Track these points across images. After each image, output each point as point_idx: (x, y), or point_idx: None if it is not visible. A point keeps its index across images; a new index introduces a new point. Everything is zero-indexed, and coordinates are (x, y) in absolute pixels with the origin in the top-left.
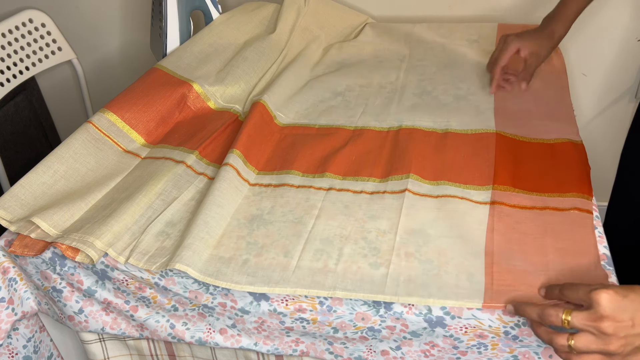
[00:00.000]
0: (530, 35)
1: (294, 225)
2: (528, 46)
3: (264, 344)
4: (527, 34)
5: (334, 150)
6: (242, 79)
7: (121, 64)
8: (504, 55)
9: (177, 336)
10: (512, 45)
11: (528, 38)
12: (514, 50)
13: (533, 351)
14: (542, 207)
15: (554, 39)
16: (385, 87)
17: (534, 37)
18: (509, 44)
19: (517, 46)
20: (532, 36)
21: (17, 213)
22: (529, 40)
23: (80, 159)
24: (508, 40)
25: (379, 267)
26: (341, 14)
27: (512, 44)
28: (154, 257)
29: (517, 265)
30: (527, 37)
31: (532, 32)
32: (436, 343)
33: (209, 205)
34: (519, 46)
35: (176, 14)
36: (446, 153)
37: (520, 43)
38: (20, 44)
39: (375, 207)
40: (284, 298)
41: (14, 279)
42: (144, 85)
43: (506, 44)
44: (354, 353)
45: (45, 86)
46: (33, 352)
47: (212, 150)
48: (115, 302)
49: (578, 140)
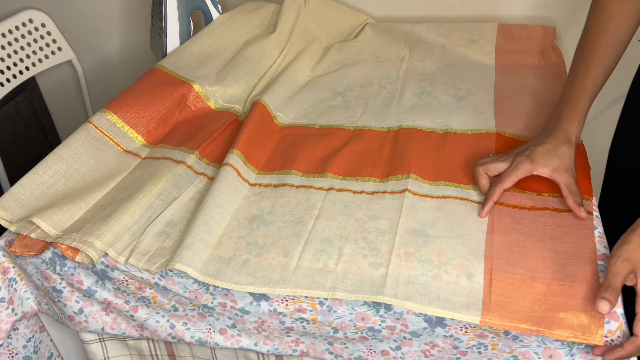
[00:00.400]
0: (543, 150)
1: (294, 225)
2: (544, 164)
3: (264, 344)
4: (538, 152)
5: (334, 150)
6: (242, 79)
7: (121, 64)
8: (511, 178)
9: (177, 336)
10: (523, 169)
11: (541, 155)
12: (524, 175)
13: (533, 351)
14: (542, 208)
15: (572, 143)
16: (385, 87)
17: (547, 150)
18: (519, 167)
19: (529, 170)
20: (545, 151)
21: (17, 213)
22: (542, 157)
23: (80, 159)
24: (518, 161)
25: (379, 267)
26: (341, 14)
27: (522, 167)
28: (154, 257)
29: (516, 270)
30: (539, 155)
31: (543, 145)
32: (436, 343)
33: (209, 205)
34: (532, 169)
35: (176, 14)
36: (446, 153)
37: (533, 166)
38: (20, 44)
39: (375, 207)
40: (284, 298)
41: (14, 279)
42: (144, 85)
43: (516, 165)
44: (354, 353)
45: (45, 86)
46: (33, 352)
47: (212, 151)
48: (115, 302)
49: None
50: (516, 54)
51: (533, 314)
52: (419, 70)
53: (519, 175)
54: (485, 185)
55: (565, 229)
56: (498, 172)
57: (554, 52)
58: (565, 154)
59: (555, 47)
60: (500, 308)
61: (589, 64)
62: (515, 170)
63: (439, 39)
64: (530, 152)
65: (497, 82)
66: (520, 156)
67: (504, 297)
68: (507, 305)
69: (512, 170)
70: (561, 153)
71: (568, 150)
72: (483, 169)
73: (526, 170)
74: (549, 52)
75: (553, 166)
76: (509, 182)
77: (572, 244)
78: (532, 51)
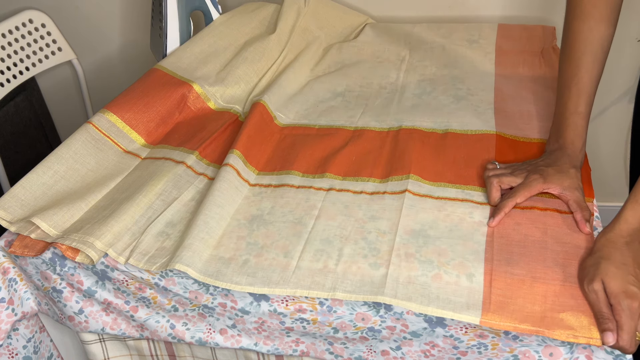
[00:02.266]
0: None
1: (294, 225)
2: (557, 183)
3: (264, 344)
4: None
5: (334, 150)
6: (242, 79)
7: (121, 64)
8: (524, 193)
9: (177, 336)
10: (536, 187)
11: (553, 175)
12: (536, 192)
13: (533, 350)
14: (542, 208)
15: (578, 157)
16: (385, 87)
17: (558, 171)
18: (533, 184)
19: (542, 187)
20: (556, 171)
21: (17, 213)
22: (555, 177)
23: (81, 160)
24: (532, 178)
25: (379, 267)
26: (341, 14)
27: (536, 185)
28: (154, 258)
29: (516, 270)
30: (551, 174)
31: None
32: (436, 343)
33: (209, 206)
34: (545, 187)
35: (176, 14)
36: (446, 154)
37: (546, 184)
38: (20, 45)
39: (375, 207)
40: (284, 298)
41: (14, 280)
42: (144, 85)
43: (529, 182)
44: (354, 353)
45: (46, 86)
46: (33, 353)
47: (212, 151)
48: (116, 303)
49: None
50: (516, 54)
51: (533, 315)
52: (419, 70)
53: (532, 192)
54: (496, 197)
55: (565, 230)
56: (510, 186)
57: (554, 52)
58: (575, 176)
59: (555, 47)
60: (500, 308)
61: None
62: (528, 187)
63: (439, 39)
64: (543, 172)
65: (497, 82)
66: (533, 174)
67: (504, 298)
68: (507, 306)
69: (526, 187)
70: (572, 174)
71: (577, 173)
72: (498, 181)
73: (539, 188)
74: (549, 52)
75: (565, 185)
76: (522, 197)
77: (572, 244)
78: (532, 51)
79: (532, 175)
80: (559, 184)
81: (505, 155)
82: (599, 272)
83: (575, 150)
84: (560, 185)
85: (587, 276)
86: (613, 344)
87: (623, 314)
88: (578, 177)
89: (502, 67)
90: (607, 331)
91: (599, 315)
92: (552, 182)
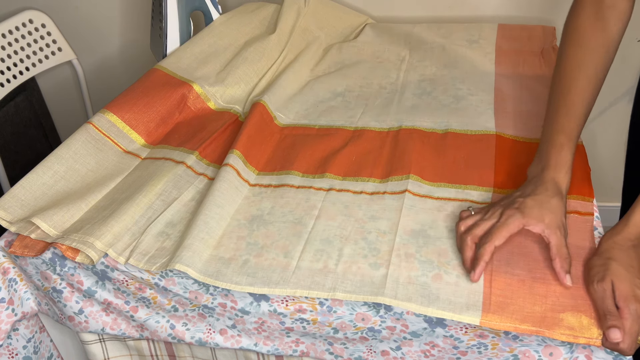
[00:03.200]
0: (533, 202)
1: (294, 225)
2: (537, 218)
3: (264, 345)
4: (529, 204)
5: (334, 150)
6: (242, 79)
7: (121, 64)
8: (502, 233)
9: (177, 337)
10: (514, 223)
11: (532, 208)
12: (516, 229)
13: (533, 350)
14: None
15: (563, 195)
16: (385, 87)
17: (538, 203)
18: (510, 221)
19: (521, 224)
20: (536, 203)
21: (17, 214)
22: (534, 210)
23: (81, 160)
24: (508, 214)
25: (379, 267)
26: (341, 14)
27: (514, 221)
28: (154, 258)
29: (516, 270)
30: (530, 207)
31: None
32: (436, 343)
33: (209, 206)
34: (524, 223)
35: (176, 15)
36: (446, 154)
37: (525, 220)
38: (20, 45)
39: (375, 207)
40: (284, 298)
41: (14, 280)
42: (144, 85)
43: (506, 219)
44: (354, 353)
45: (46, 87)
46: (33, 353)
47: (212, 151)
48: (116, 303)
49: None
50: (516, 54)
51: (533, 315)
52: (419, 70)
53: (511, 230)
54: (469, 257)
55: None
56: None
57: (554, 52)
58: (558, 208)
59: (555, 47)
60: (500, 309)
61: (569, 103)
62: (506, 225)
63: (439, 39)
64: (520, 205)
65: (497, 82)
66: (509, 209)
67: (504, 298)
68: (507, 306)
69: (503, 225)
70: (553, 206)
71: (560, 203)
72: (471, 237)
73: (518, 225)
74: (549, 53)
75: (546, 222)
76: (501, 239)
77: (572, 244)
78: (532, 51)
79: (507, 212)
80: (540, 220)
81: (505, 155)
82: (609, 272)
83: (560, 173)
84: (542, 223)
85: (597, 275)
86: (619, 341)
87: (629, 317)
88: (562, 209)
89: (502, 67)
90: (615, 328)
91: (606, 312)
92: (532, 217)
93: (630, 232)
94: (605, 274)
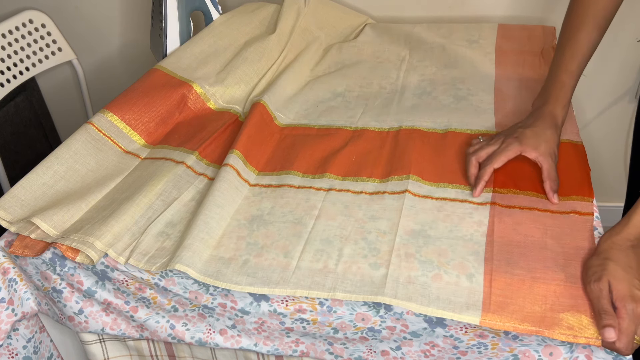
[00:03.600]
0: (531, 132)
1: (294, 225)
2: (533, 147)
3: (264, 345)
4: (527, 134)
5: (334, 150)
6: (242, 79)
7: (121, 64)
8: (501, 157)
9: (177, 337)
10: (512, 150)
11: (529, 137)
12: (513, 155)
13: (533, 349)
14: (542, 209)
15: (558, 126)
16: (385, 87)
17: (535, 133)
18: (509, 148)
19: (518, 150)
20: (533, 133)
21: (17, 214)
22: (531, 140)
23: (80, 160)
24: (507, 142)
25: (379, 267)
26: (341, 14)
27: (512, 148)
28: (154, 258)
29: (516, 270)
30: (527, 136)
31: (531, 128)
32: (436, 343)
33: (209, 206)
34: (521, 150)
35: (176, 15)
36: (446, 154)
37: (522, 147)
38: (20, 45)
39: (375, 207)
40: (284, 299)
41: (14, 280)
42: (144, 85)
43: (505, 146)
44: (354, 353)
45: (46, 87)
46: (33, 353)
47: (212, 151)
48: (115, 303)
49: (578, 141)
50: (516, 54)
51: (533, 315)
52: (419, 70)
53: (509, 155)
54: (473, 174)
55: (565, 230)
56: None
57: (554, 52)
58: (551, 138)
59: (555, 47)
60: (500, 309)
61: (575, 44)
62: (505, 151)
63: (439, 39)
64: (519, 135)
65: (497, 82)
66: (509, 138)
67: (504, 298)
68: (507, 306)
69: (502, 151)
70: (548, 137)
71: (554, 134)
72: (475, 157)
73: (515, 151)
74: (549, 52)
75: (540, 150)
76: (499, 162)
77: (572, 245)
78: (532, 51)
79: (508, 140)
80: (535, 148)
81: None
82: (606, 272)
83: (558, 107)
84: (536, 150)
85: (594, 275)
86: (614, 340)
87: (626, 317)
88: (555, 139)
89: (502, 67)
90: (609, 327)
91: (601, 312)
92: (528, 145)
93: (629, 232)
94: (602, 274)
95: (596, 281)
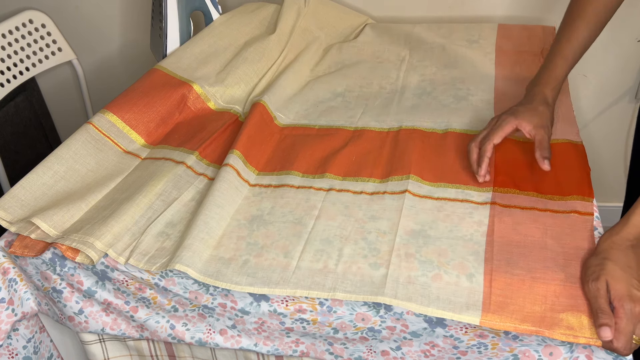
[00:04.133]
0: (524, 108)
1: (294, 225)
2: (528, 120)
3: (264, 345)
4: (520, 110)
5: (334, 150)
6: (242, 79)
7: (121, 65)
8: (499, 133)
9: (177, 337)
10: (508, 124)
11: (523, 112)
12: (510, 129)
13: (533, 349)
14: (542, 209)
15: (549, 104)
16: (385, 87)
17: (528, 109)
18: (504, 123)
19: (514, 124)
20: (526, 109)
21: (17, 214)
22: (525, 114)
23: (81, 160)
24: (502, 118)
25: (379, 267)
26: (341, 14)
27: (508, 123)
28: (154, 258)
29: (516, 270)
30: (522, 112)
31: (524, 105)
32: (436, 343)
33: (209, 206)
34: (517, 124)
35: (176, 15)
36: (446, 154)
37: (517, 120)
38: (20, 45)
39: (375, 207)
40: (284, 299)
41: (14, 280)
42: (144, 86)
43: (501, 122)
44: (354, 353)
45: (46, 87)
46: (33, 353)
47: (212, 151)
48: (115, 303)
49: (578, 141)
50: (516, 54)
51: (533, 315)
52: (419, 70)
53: (506, 130)
54: (475, 159)
55: (566, 230)
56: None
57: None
58: (544, 114)
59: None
60: (500, 309)
61: (572, 30)
62: (501, 126)
63: (439, 39)
64: (514, 111)
65: (497, 82)
66: (504, 114)
67: (504, 298)
68: (507, 306)
69: (499, 126)
70: (540, 112)
71: (546, 110)
72: (474, 143)
73: (511, 125)
74: None
75: (534, 123)
76: (498, 137)
77: (572, 244)
78: (532, 51)
79: (503, 116)
80: (529, 121)
81: (505, 155)
82: (604, 272)
83: (547, 88)
84: (531, 124)
85: (592, 274)
86: (610, 339)
87: (624, 317)
88: (547, 114)
89: (502, 67)
90: (605, 326)
91: (598, 311)
92: (523, 119)
93: (629, 232)
94: (601, 273)
95: (594, 280)
